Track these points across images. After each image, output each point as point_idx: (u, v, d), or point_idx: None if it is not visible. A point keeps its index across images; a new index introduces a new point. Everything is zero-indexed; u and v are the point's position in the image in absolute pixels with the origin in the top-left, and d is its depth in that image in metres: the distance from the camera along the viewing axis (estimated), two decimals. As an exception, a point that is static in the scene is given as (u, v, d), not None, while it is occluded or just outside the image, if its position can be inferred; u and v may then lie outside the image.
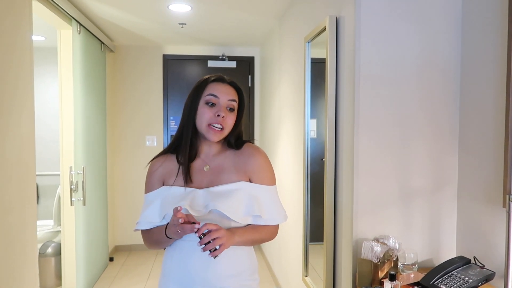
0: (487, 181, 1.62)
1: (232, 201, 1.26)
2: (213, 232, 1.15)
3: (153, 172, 1.37)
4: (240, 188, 1.30)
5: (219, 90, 1.30)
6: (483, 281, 1.49)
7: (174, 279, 1.32)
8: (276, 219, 1.36)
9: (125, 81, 4.56)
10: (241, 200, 1.29)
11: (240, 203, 1.28)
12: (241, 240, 1.27)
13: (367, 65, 1.73)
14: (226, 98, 1.30)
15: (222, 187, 1.30)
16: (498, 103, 1.55)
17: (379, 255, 1.61)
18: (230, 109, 1.31)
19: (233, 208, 1.26)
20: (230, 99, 1.30)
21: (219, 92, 1.30)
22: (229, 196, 1.27)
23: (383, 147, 1.76)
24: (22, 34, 2.04)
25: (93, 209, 3.61)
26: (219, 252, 1.17)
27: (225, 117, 1.28)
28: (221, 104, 1.29)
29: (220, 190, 1.29)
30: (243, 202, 1.29)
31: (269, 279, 3.80)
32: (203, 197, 1.28)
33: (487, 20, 1.62)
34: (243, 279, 1.33)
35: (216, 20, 3.53)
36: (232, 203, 1.26)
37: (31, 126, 2.14)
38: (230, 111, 1.31)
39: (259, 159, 1.35)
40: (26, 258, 2.08)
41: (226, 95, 1.30)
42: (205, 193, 1.29)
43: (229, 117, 1.30)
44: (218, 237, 1.15)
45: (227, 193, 1.28)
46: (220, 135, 1.29)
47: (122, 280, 3.81)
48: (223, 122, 1.28)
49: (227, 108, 1.30)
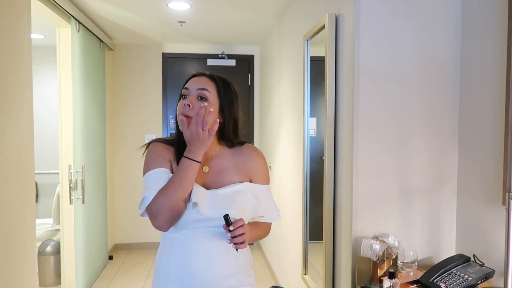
0: (486, 179, 1.61)
1: (240, 204, 1.28)
2: (242, 227, 1.19)
3: (161, 151, 1.33)
4: (244, 189, 1.32)
5: (190, 82, 1.30)
6: (483, 279, 1.49)
7: (174, 280, 1.29)
8: (272, 217, 1.39)
9: (125, 79, 4.56)
10: (247, 202, 1.31)
11: (246, 205, 1.30)
12: (250, 237, 1.28)
13: (367, 63, 1.73)
14: (195, 88, 1.27)
15: (228, 189, 1.30)
16: (497, 100, 1.55)
17: (378, 253, 1.60)
18: (200, 98, 1.27)
19: (242, 211, 1.28)
20: (198, 88, 1.27)
21: (190, 84, 1.30)
22: (234, 198, 1.28)
23: (383, 145, 1.76)
24: (21, 33, 2.04)
25: (92, 208, 3.61)
26: (244, 246, 1.21)
27: (192, 106, 1.25)
28: (191, 94, 1.27)
29: (226, 192, 1.29)
30: (249, 203, 1.31)
31: (268, 278, 3.80)
32: (209, 199, 1.27)
33: (487, 17, 1.62)
34: (241, 276, 1.33)
35: (216, 18, 3.52)
36: (239, 205, 1.28)
37: (30, 124, 2.13)
38: (201, 100, 1.27)
39: (259, 160, 1.37)
40: (25, 257, 2.08)
41: (195, 85, 1.28)
42: (212, 195, 1.28)
43: (199, 106, 1.24)
44: (245, 233, 1.20)
45: (233, 195, 1.29)
46: (188, 124, 1.24)
47: (122, 279, 3.81)
48: (189, 111, 1.24)
49: (197, 97, 1.27)
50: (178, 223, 1.28)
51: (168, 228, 1.26)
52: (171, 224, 1.25)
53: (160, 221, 1.23)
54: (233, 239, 1.18)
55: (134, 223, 4.60)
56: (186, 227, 1.28)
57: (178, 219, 1.25)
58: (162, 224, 1.23)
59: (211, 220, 1.26)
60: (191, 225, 1.27)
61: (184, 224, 1.27)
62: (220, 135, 1.34)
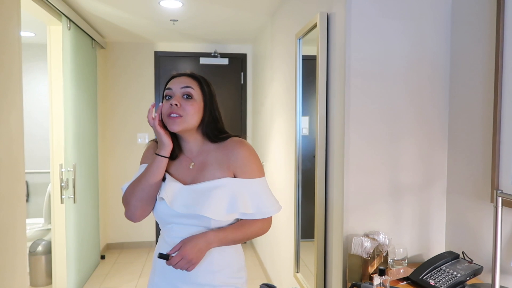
0: (475, 177, 1.63)
1: (212, 200, 1.25)
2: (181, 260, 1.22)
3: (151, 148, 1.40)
4: (222, 185, 1.27)
5: (172, 83, 1.32)
6: (471, 275, 1.51)
7: (158, 272, 1.35)
8: (269, 212, 1.32)
9: (116, 77, 4.53)
10: (222, 198, 1.26)
11: (221, 201, 1.26)
12: (221, 244, 1.28)
13: (357, 62, 1.74)
14: (179, 87, 1.30)
15: (204, 184, 1.28)
16: (486, 99, 1.57)
17: (369, 251, 1.62)
18: (186, 96, 1.29)
19: (213, 208, 1.24)
20: (183, 86, 1.29)
21: (172, 84, 1.32)
22: (209, 195, 1.25)
23: (373, 143, 1.77)
24: (10, 30, 2.02)
25: (84, 207, 3.58)
26: (192, 269, 1.24)
27: (179, 105, 1.27)
28: (175, 94, 1.29)
29: (201, 188, 1.27)
30: (225, 200, 1.26)
31: (260, 276, 3.81)
32: (182, 194, 1.27)
33: (476, 17, 1.64)
34: (227, 276, 1.32)
35: (208, 16, 3.52)
36: (212, 202, 1.24)
37: (20, 123, 2.12)
38: (187, 98, 1.29)
39: (242, 152, 1.30)
40: (15, 257, 2.06)
41: (178, 84, 1.30)
42: (185, 190, 1.28)
43: (186, 104, 1.28)
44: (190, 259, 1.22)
45: (207, 191, 1.26)
46: (180, 122, 1.26)
47: (114, 278, 3.79)
48: (178, 110, 1.26)
49: (182, 96, 1.29)
50: (158, 218, 1.34)
51: (137, 220, 1.32)
52: (140, 216, 1.32)
53: (128, 211, 1.32)
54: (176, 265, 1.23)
55: (126, 222, 4.58)
56: (168, 221, 1.32)
57: (147, 211, 1.33)
58: (130, 215, 1.32)
59: (189, 216, 1.26)
60: (173, 220, 1.30)
61: (164, 218, 1.33)
62: (202, 131, 1.34)
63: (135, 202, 1.29)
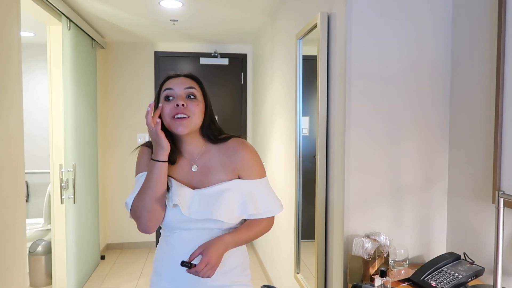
0: (477, 178, 1.63)
1: (223, 203, 1.24)
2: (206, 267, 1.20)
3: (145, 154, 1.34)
4: (231, 188, 1.28)
5: (173, 83, 1.29)
6: (473, 277, 1.50)
7: (166, 277, 1.31)
8: (272, 211, 1.33)
9: (116, 78, 4.53)
10: (233, 201, 1.26)
11: (233, 204, 1.26)
12: (236, 245, 1.28)
13: (358, 62, 1.73)
14: (182, 87, 1.27)
15: (213, 188, 1.27)
16: (488, 99, 1.56)
17: (370, 252, 1.61)
18: (190, 97, 1.27)
19: (225, 211, 1.24)
20: (186, 87, 1.28)
21: (173, 84, 1.28)
22: (220, 198, 1.25)
23: (374, 144, 1.76)
24: (10, 30, 2.01)
25: (84, 207, 3.58)
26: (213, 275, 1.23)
27: (186, 105, 1.24)
28: (179, 94, 1.26)
29: (211, 192, 1.26)
30: (236, 202, 1.27)
31: (261, 276, 3.80)
32: (194, 200, 1.26)
33: (477, 17, 1.63)
34: (235, 275, 1.33)
35: (208, 16, 3.51)
36: (224, 205, 1.24)
37: (19, 123, 2.11)
38: (192, 99, 1.27)
39: (245, 154, 1.30)
40: (15, 257, 2.06)
41: (181, 85, 1.28)
42: (196, 195, 1.26)
43: (192, 105, 1.25)
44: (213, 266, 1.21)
45: (218, 194, 1.26)
46: (187, 124, 1.24)
47: (114, 279, 3.78)
48: (185, 110, 1.24)
49: (186, 96, 1.27)
50: (167, 225, 1.29)
51: (152, 231, 1.26)
52: (154, 226, 1.26)
53: (141, 225, 1.25)
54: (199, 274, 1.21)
55: (126, 223, 4.57)
56: (177, 227, 1.28)
57: (160, 220, 1.26)
58: (144, 228, 1.25)
59: (200, 221, 1.25)
60: (182, 225, 1.27)
61: (173, 225, 1.28)
62: (203, 132, 1.32)
63: (146, 214, 1.23)
